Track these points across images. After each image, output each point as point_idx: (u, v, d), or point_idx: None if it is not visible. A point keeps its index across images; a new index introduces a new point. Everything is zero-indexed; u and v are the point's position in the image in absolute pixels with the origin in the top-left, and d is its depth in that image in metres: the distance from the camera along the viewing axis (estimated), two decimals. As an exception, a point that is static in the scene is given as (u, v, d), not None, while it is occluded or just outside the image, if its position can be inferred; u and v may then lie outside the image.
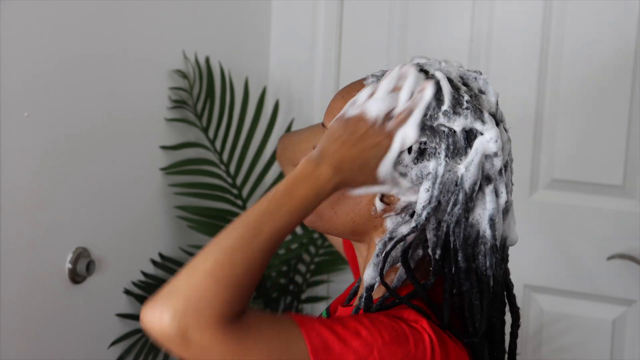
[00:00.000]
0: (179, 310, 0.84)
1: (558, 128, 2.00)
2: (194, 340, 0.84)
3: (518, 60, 2.02)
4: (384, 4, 2.15)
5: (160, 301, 0.86)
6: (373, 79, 1.05)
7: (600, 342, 2.03)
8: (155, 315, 0.85)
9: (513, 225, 1.05)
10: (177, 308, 0.84)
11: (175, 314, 0.84)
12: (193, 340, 0.84)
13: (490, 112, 1.01)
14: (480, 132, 0.98)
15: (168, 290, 0.86)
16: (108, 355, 1.89)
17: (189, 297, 0.85)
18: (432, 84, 0.99)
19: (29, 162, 1.65)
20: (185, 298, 0.85)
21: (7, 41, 1.56)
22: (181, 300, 0.85)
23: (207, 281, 0.85)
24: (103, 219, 1.85)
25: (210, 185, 2.07)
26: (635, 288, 1.97)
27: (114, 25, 1.81)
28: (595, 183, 1.99)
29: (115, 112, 1.84)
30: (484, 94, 1.03)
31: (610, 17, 1.93)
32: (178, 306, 0.84)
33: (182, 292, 0.85)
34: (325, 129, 1.05)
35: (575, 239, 2.01)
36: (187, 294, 0.85)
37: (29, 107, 1.63)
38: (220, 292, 0.85)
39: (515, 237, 1.06)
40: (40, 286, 1.71)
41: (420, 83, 0.99)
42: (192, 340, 0.84)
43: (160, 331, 0.85)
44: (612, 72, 1.94)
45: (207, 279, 0.85)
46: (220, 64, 2.09)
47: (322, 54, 2.23)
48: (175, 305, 0.84)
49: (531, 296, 2.08)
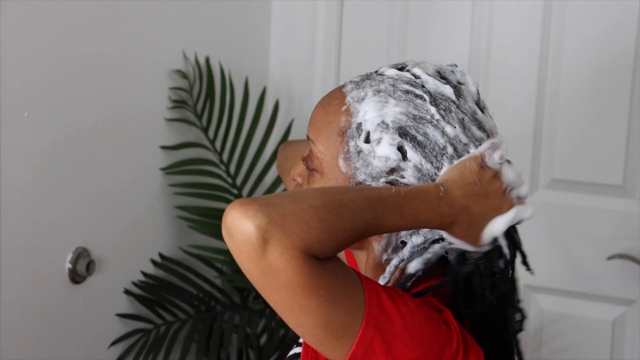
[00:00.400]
0: (273, 220, 0.83)
1: (558, 128, 2.00)
2: (270, 255, 0.83)
3: (518, 60, 2.02)
4: (384, 4, 2.15)
5: (259, 205, 0.84)
6: (352, 85, 1.04)
7: (600, 342, 2.02)
8: (249, 213, 0.83)
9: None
10: (273, 218, 0.83)
11: (270, 221, 0.82)
12: (269, 255, 0.83)
13: (474, 100, 1.02)
14: None
15: (270, 200, 0.84)
16: (108, 355, 1.89)
17: (287, 216, 0.83)
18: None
19: (29, 162, 1.65)
20: (283, 215, 0.83)
21: (7, 41, 1.56)
22: (279, 214, 0.83)
23: (309, 214, 0.84)
24: (103, 219, 1.85)
25: (210, 185, 2.07)
26: (635, 288, 1.97)
27: (114, 25, 1.81)
28: (595, 183, 1.99)
29: (115, 112, 1.84)
30: (463, 85, 1.03)
31: (610, 17, 1.93)
32: (274, 217, 0.83)
33: (282, 209, 0.84)
34: (310, 142, 1.04)
35: (575, 239, 2.01)
36: (286, 213, 0.83)
37: (29, 107, 1.63)
38: (318, 230, 0.84)
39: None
40: (40, 286, 1.71)
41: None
42: (268, 254, 0.83)
43: (244, 229, 0.83)
44: (612, 72, 1.94)
45: (310, 212, 0.84)
46: (220, 64, 2.09)
47: (322, 54, 2.23)
48: (272, 214, 0.83)
49: (531, 296, 2.08)
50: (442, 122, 0.98)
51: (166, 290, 1.98)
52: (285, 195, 0.86)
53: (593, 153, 1.98)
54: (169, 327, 1.95)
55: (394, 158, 0.98)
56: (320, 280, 0.85)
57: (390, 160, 0.98)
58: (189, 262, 2.09)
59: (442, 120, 0.98)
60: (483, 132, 1.00)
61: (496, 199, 0.97)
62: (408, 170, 0.98)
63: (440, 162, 0.98)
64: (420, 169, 0.98)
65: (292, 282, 0.84)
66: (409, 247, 1.00)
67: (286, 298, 0.86)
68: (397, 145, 0.98)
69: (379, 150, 0.98)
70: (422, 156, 0.98)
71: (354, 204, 0.87)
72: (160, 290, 1.98)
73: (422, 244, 1.00)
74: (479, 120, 1.00)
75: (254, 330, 1.97)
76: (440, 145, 0.98)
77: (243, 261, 0.85)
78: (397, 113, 0.98)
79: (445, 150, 0.98)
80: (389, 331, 0.89)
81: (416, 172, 0.98)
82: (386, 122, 0.98)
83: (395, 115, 0.98)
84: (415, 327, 0.90)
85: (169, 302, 1.99)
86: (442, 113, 0.99)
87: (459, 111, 0.99)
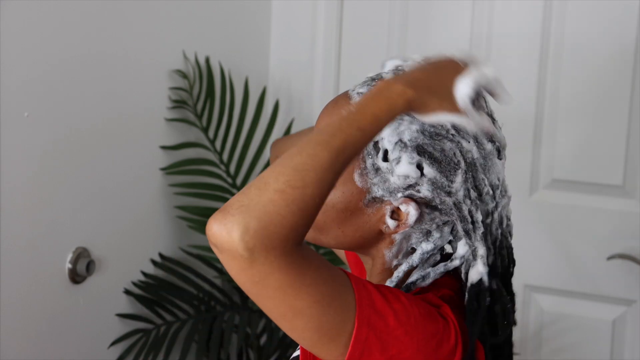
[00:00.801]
0: (250, 228, 0.82)
1: (558, 128, 2.00)
2: (259, 261, 0.83)
3: (518, 60, 2.02)
4: (384, 4, 2.15)
5: (231, 215, 0.83)
6: (359, 96, 1.03)
7: (600, 342, 2.02)
8: (224, 230, 0.83)
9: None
10: (248, 226, 0.82)
11: (246, 231, 0.82)
12: (257, 261, 0.83)
13: (485, 111, 1.04)
14: None
15: (239, 203, 0.84)
16: (108, 355, 1.89)
17: (260, 216, 0.83)
18: None
19: (29, 162, 1.65)
20: (256, 217, 0.83)
21: (7, 41, 1.56)
22: (252, 218, 0.83)
23: (278, 202, 0.83)
24: (103, 219, 1.85)
25: (210, 185, 2.07)
26: (635, 288, 1.97)
27: (114, 25, 1.81)
28: (595, 183, 1.99)
29: (115, 112, 1.84)
30: None
31: (610, 17, 1.93)
32: (249, 224, 0.82)
33: (253, 210, 0.83)
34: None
35: (575, 239, 2.01)
36: (258, 213, 0.83)
37: (29, 107, 1.63)
38: (290, 215, 0.84)
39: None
40: (40, 286, 1.71)
41: None
42: (257, 261, 0.83)
43: (227, 245, 0.83)
44: (612, 72, 1.94)
45: (277, 199, 0.84)
46: (220, 64, 2.09)
47: (322, 54, 2.23)
48: (246, 222, 0.82)
49: (531, 296, 2.08)
50: (457, 136, 0.99)
51: (166, 290, 1.98)
52: (251, 187, 0.86)
53: (593, 153, 1.98)
54: (169, 327, 1.95)
55: (413, 176, 0.98)
56: (306, 276, 0.85)
57: (409, 178, 0.98)
58: (189, 262, 2.09)
59: (457, 135, 0.99)
60: (494, 145, 1.01)
61: (448, 65, 0.98)
62: (424, 185, 0.99)
63: (454, 175, 0.98)
64: (435, 182, 0.99)
65: (282, 283, 0.84)
66: (418, 254, 1.02)
67: (278, 304, 0.86)
68: (416, 163, 0.98)
69: (399, 169, 0.98)
70: (438, 171, 0.98)
71: (312, 160, 0.86)
72: (160, 290, 1.98)
73: (431, 251, 1.02)
74: (490, 133, 1.01)
75: (254, 330, 1.97)
76: (455, 160, 0.99)
77: (234, 274, 0.85)
78: (413, 131, 0.98)
79: (459, 165, 0.99)
80: (383, 329, 0.89)
81: (431, 186, 0.99)
82: (404, 140, 0.98)
83: (412, 134, 0.98)
84: (410, 323, 0.90)
85: (169, 302, 1.99)
86: (456, 129, 0.99)
87: None
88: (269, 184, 0.85)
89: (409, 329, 0.90)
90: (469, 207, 0.99)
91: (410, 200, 0.99)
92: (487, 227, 1.01)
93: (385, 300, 0.90)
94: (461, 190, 0.99)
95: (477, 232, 1.00)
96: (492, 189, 1.01)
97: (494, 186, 1.01)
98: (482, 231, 1.00)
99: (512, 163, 2.04)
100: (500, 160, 1.02)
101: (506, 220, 1.04)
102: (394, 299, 0.91)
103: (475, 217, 1.00)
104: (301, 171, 0.85)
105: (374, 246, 1.04)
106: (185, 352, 1.89)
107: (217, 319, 1.96)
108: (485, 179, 1.00)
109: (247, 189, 0.86)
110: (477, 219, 1.00)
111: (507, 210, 1.04)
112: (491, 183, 1.01)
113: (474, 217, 1.00)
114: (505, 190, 1.03)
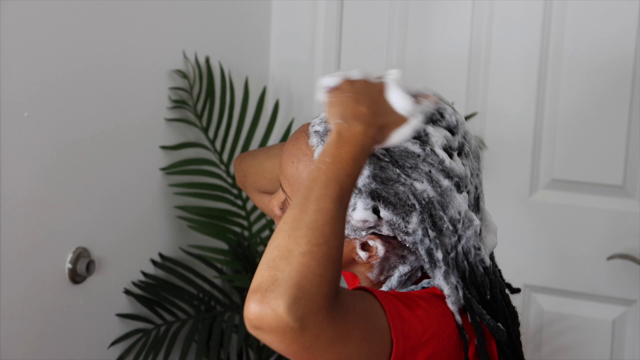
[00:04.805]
0: (293, 298, 0.83)
1: (558, 128, 2.00)
2: (310, 326, 0.83)
3: (518, 61, 2.02)
4: (384, 4, 2.15)
5: (269, 293, 0.83)
6: (317, 139, 1.05)
7: (600, 342, 2.03)
8: (269, 308, 0.83)
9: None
10: (291, 296, 0.83)
11: (291, 303, 0.83)
12: (308, 327, 0.83)
13: (442, 145, 1.06)
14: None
15: (271, 279, 0.84)
16: (108, 355, 1.89)
17: (299, 282, 0.83)
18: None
19: (29, 163, 1.65)
20: (295, 285, 0.83)
21: (7, 41, 1.56)
22: (291, 288, 0.83)
23: (310, 263, 0.85)
24: (103, 219, 1.85)
25: (210, 185, 2.07)
26: (635, 288, 1.97)
27: (114, 25, 1.81)
28: (595, 183, 1.99)
29: (115, 112, 1.84)
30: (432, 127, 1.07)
31: (610, 18, 1.93)
32: (291, 295, 0.83)
33: (289, 280, 0.84)
34: (285, 193, 1.07)
35: (575, 239, 2.01)
36: (295, 281, 0.83)
37: (29, 107, 1.63)
38: (325, 271, 0.85)
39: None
40: (40, 286, 1.71)
41: None
42: (308, 327, 0.83)
43: (276, 323, 0.83)
44: (612, 72, 1.94)
45: (309, 261, 0.85)
46: (220, 64, 2.09)
47: (322, 54, 2.23)
48: (287, 294, 0.83)
49: (531, 296, 2.08)
50: (409, 180, 1.00)
51: (166, 290, 1.98)
52: (274, 259, 0.86)
53: (593, 153, 1.98)
54: (169, 327, 1.95)
55: (370, 220, 1.01)
56: (349, 321, 0.87)
57: (367, 222, 1.01)
58: (189, 262, 2.09)
59: (409, 179, 1.00)
60: (451, 180, 1.01)
61: (370, 88, 1.01)
62: (383, 226, 1.01)
63: (409, 216, 1.00)
64: (392, 224, 1.01)
65: (332, 338, 0.86)
66: (396, 276, 1.05)
67: (329, 358, 0.87)
68: (372, 208, 1.01)
69: (356, 215, 1.01)
70: (393, 214, 1.01)
71: (323, 215, 0.88)
72: (160, 290, 1.98)
73: (409, 272, 1.05)
74: (447, 169, 1.02)
75: (254, 330, 1.97)
76: (410, 203, 1.00)
77: (284, 348, 0.85)
78: (365, 177, 1.01)
79: (414, 207, 1.00)
80: (414, 337, 0.93)
81: (389, 227, 1.01)
82: (358, 187, 1.01)
83: (364, 180, 1.01)
84: (434, 325, 0.95)
85: (169, 302, 1.99)
86: (407, 172, 1.00)
87: (425, 164, 1.01)
88: (293, 250, 0.86)
89: (435, 331, 0.95)
90: (428, 246, 1.00)
91: (376, 236, 1.03)
92: (452, 261, 1.02)
93: (409, 309, 0.94)
94: (419, 230, 1.00)
95: (439, 271, 1.01)
96: (453, 223, 1.02)
97: (455, 220, 1.02)
98: (444, 269, 1.01)
99: (512, 163, 2.06)
100: (460, 194, 1.02)
101: (474, 250, 1.04)
102: (414, 305, 0.95)
103: (436, 257, 1.01)
104: (318, 228, 0.87)
105: (355, 269, 1.08)
106: (185, 352, 1.89)
107: (217, 319, 1.96)
108: (444, 216, 1.01)
109: (271, 262, 0.86)
110: (437, 258, 1.01)
111: (474, 241, 1.04)
112: (451, 218, 1.01)
113: (433, 257, 1.01)
114: (470, 221, 1.03)
